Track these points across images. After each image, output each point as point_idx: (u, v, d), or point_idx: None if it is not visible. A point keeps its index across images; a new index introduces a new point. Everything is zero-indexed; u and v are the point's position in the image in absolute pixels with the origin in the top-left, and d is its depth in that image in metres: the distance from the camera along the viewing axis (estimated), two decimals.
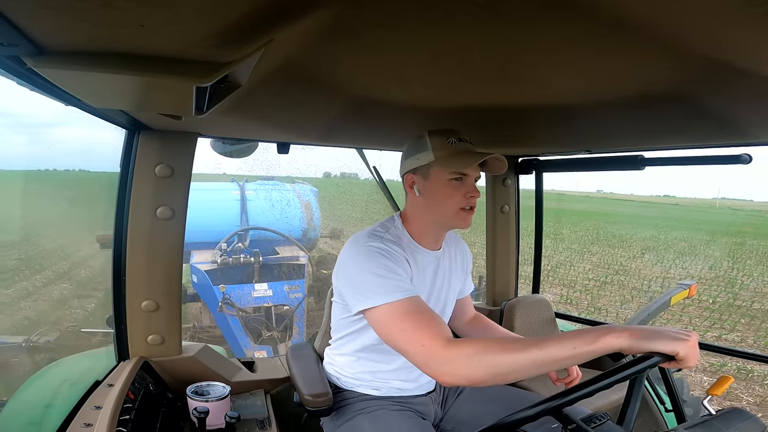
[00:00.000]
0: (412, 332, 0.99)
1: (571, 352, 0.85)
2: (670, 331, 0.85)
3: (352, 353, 1.34)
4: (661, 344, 0.82)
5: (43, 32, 0.56)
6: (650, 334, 0.83)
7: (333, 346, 1.42)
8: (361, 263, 1.13)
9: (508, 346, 0.89)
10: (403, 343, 1.00)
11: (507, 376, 0.89)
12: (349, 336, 1.33)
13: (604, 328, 0.87)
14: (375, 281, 1.09)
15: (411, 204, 1.30)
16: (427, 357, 0.95)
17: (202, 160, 6.55)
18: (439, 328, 0.99)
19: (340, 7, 0.63)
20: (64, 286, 8.62)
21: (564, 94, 1.11)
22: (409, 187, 1.28)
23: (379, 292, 1.07)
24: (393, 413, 1.28)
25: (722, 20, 0.61)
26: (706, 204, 73.80)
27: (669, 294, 3.23)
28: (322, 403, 1.29)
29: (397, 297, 1.05)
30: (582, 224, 24.88)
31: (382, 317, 1.05)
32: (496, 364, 0.88)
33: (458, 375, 0.92)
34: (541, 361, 0.86)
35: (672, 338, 0.82)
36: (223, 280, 4.89)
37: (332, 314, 1.38)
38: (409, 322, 1.01)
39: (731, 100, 1.01)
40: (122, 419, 1.12)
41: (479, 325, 1.57)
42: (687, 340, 0.82)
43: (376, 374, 1.32)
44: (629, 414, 0.88)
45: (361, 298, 1.10)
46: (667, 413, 1.79)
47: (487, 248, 2.29)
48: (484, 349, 0.90)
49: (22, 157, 37.46)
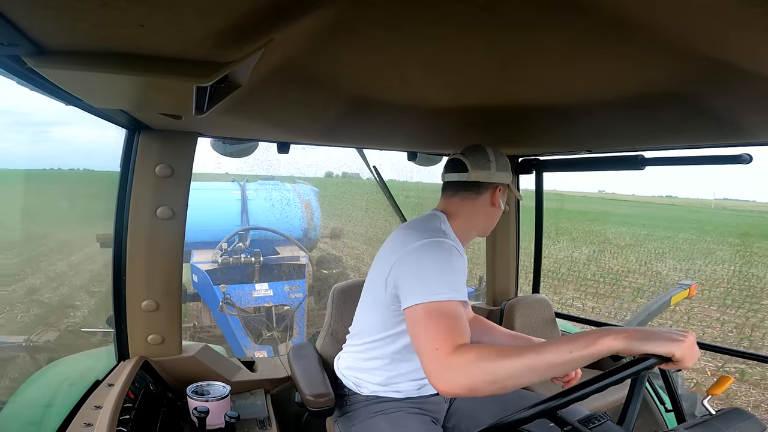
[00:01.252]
0: (436, 333, 0.97)
1: (568, 356, 0.84)
2: (667, 332, 0.84)
3: (388, 356, 1.29)
4: (657, 346, 0.82)
5: (43, 32, 0.56)
6: (647, 335, 0.83)
7: (359, 350, 1.36)
8: (436, 257, 1.10)
9: (505, 352, 0.88)
10: (422, 341, 0.99)
11: (505, 383, 0.88)
12: (390, 338, 1.28)
13: (601, 331, 0.86)
14: (444, 276, 1.06)
15: (475, 210, 1.33)
16: (433, 361, 0.94)
17: (202, 160, 6.55)
18: (461, 335, 0.97)
19: (340, 7, 0.63)
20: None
21: (564, 94, 1.11)
22: (494, 198, 1.33)
23: (442, 289, 1.03)
24: (411, 416, 1.28)
25: (723, 21, 0.61)
26: (702, 204, 74.40)
27: (669, 294, 3.23)
28: (325, 404, 1.29)
29: (452, 297, 1.03)
30: (568, 223, 25.19)
31: (425, 313, 1.02)
32: (494, 371, 0.87)
33: (454, 383, 0.90)
34: (538, 367, 0.85)
35: (668, 339, 0.82)
36: (223, 279, 4.90)
37: (363, 314, 1.34)
38: (438, 324, 0.98)
39: (732, 100, 1.01)
40: (122, 419, 1.12)
41: (479, 326, 1.57)
42: (683, 341, 0.82)
43: (403, 375, 1.30)
44: (630, 414, 0.88)
45: (423, 291, 1.05)
46: (667, 413, 1.78)
47: (487, 248, 2.29)
48: (482, 357, 0.89)
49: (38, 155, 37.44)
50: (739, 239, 21.98)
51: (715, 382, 1.42)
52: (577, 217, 29.47)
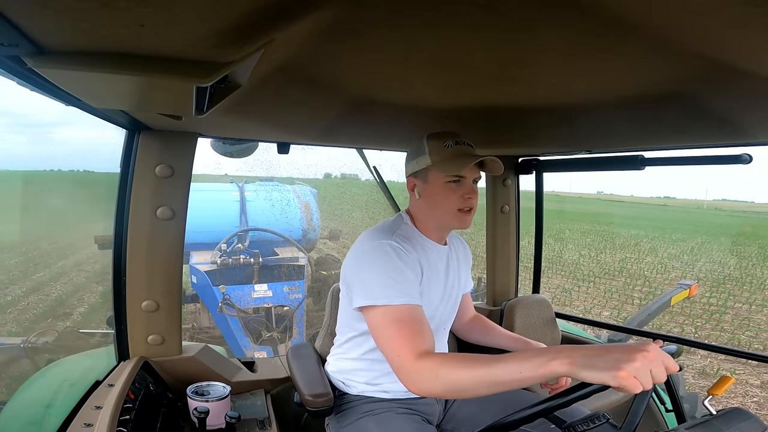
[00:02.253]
0: (395, 340, 1.02)
1: (517, 375, 0.84)
2: (610, 357, 0.76)
3: (360, 357, 1.33)
4: (593, 374, 0.76)
5: (43, 32, 0.56)
6: (587, 362, 0.78)
7: (339, 351, 1.40)
8: (373, 260, 1.15)
9: (464, 363, 0.91)
10: (386, 348, 1.04)
11: (462, 392, 0.92)
12: (357, 339, 1.32)
13: (551, 353, 0.83)
14: (384, 281, 1.10)
15: (413, 205, 1.34)
16: (398, 367, 1.00)
17: (201, 161, 6.56)
18: (419, 339, 1.01)
19: (340, 7, 0.63)
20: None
21: (564, 94, 1.11)
22: (411, 190, 1.32)
23: (384, 293, 1.08)
24: (399, 416, 1.28)
25: (722, 20, 0.61)
26: (694, 205, 74.95)
27: (669, 294, 3.24)
28: (323, 404, 1.29)
29: (398, 301, 1.07)
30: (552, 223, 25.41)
31: (378, 318, 1.08)
32: (451, 380, 0.91)
33: (419, 388, 0.96)
34: (489, 381, 0.87)
35: (604, 369, 0.75)
36: (222, 280, 4.89)
37: (339, 313, 1.37)
38: (396, 330, 1.03)
39: (731, 100, 1.01)
40: (122, 419, 1.12)
41: (480, 327, 1.58)
42: (622, 370, 0.74)
43: (387, 376, 1.31)
44: (631, 417, 0.88)
45: (366, 295, 1.11)
46: (668, 413, 1.78)
47: (487, 248, 2.29)
48: (442, 365, 0.93)
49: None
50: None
51: (715, 383, 1.42)
52: (583, 219, 29.40)
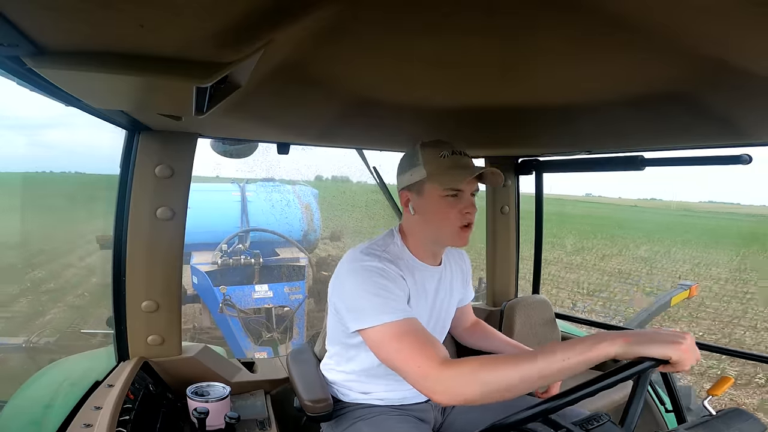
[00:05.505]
0: (408, 352, 0.98)
1: (562, 364, 0.84)
2: (665, 334, 0.84)
3: (351, 371, 1.32)
4: (653, 349, 0.81)
5: (43, 32, 0.56)
6: (645, 338, 0.83)
7: (331, 363, 1.39)
8: (358, 282, 1.10)
9: (501, 362, 0.89)
10: (399, 363, 1.00)
11: (503, 393, 0.88)
12: (346, 354, 1.31)
13: (598, 336, 0.86)
14: (371, 301, 1.06)
15: (407, 221, 1.26)
16: (422, 377, 0.95)
17: (201, 163, 6.56)
18: (434, 348, 0.98)
19: (340, 8, 0.63)
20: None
21: (564, 94, 1.11)
22: (405, 205, 1.24)
23: (375, 313, 1.05)
24: (392, 418, 1.28)
25: (724, 21, 0.61)
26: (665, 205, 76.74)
27: (669, 294, 3.23)
28: (322, 409, 1.29)
29: (392, 318, 1.03)
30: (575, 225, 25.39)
31: (378, 337, 1.04)
32: (492, 381, 0.88)
33: (454, 393, 0.92)
34: (535, 375, 0.85)
35: (665, 342, 0.82)
36: (223, 281, 4.90)
37: (328, 325, 1.34)
38: (404, 343, 1.00)
39: (732, 100, 1.01)
40: (122, 420, 1.11)
41: (479, 332, 1.56)
42: (681, 344, 0.81)
43: (379, 386, 1.31)
44: (631, 415, 0.87)
45: (357, 318, 1.08)
46: (668, 414, 1.78)
47: (487, 249, 2.29)
48: (482, 368, 0.90)
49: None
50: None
51: (715, 383, 1.41)
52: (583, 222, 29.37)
